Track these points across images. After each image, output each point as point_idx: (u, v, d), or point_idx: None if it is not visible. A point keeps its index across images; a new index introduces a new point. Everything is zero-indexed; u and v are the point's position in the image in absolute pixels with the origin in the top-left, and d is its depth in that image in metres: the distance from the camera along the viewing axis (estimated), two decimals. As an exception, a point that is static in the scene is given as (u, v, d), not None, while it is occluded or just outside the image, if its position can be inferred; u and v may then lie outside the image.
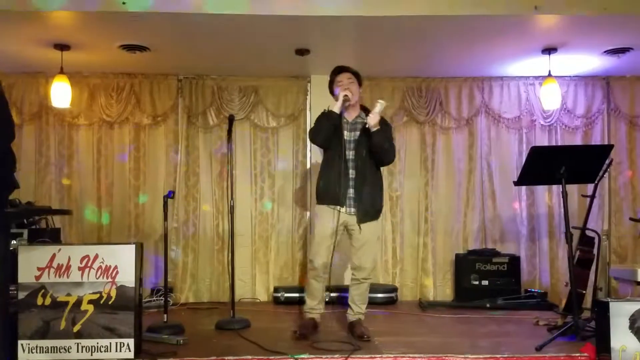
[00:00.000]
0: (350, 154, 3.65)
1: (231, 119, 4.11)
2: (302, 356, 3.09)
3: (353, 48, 4.79)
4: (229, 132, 4.08)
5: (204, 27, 4.19)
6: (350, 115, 3.73)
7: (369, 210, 3.67)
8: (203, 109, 5.45)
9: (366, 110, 3.76)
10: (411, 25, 4.17)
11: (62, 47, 4.57)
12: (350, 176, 3.63)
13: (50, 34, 4.33)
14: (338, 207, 3.61)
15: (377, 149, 3.62)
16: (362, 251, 3.68)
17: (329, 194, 3.64)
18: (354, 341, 3.45)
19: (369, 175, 3.67)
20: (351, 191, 3.63)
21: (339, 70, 3.79)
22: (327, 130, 3.62)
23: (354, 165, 3.63)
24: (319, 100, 5.39)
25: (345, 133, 3.67)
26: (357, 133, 3.68)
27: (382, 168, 3.81)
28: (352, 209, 3.63)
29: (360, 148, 3.64)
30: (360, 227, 3.63)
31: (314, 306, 3.75)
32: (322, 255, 3.63)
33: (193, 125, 5.48)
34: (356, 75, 3.78)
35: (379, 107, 3.56)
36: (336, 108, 3.61)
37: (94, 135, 5.43)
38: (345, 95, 3.59)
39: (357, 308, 3.76)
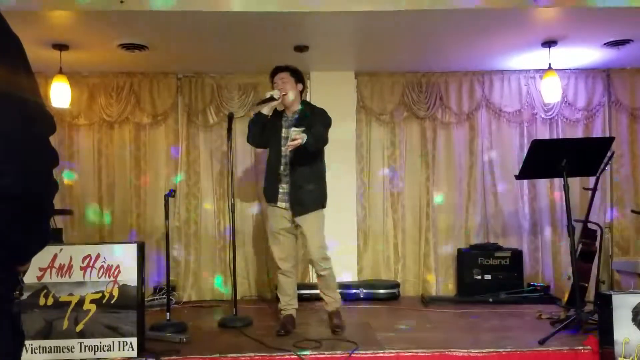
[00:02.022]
0: (285, 150, 3.68)
1: (231, 117, 4.11)
2: (305, 353, 3.09)
3: (352, 44, 4.78)
4: (229, 130, 4.07)
5: (202, 24, 4.18)
6: (290, 112, 3.78)
7: (305, 203, 3.67)
8: (203, 107, 5.45)
9: (307, 105, 3.82)
10: (410, 19, 4.16)
11: (61, 47, 4.57)
12: (285, 172, 3.68)
13: (48, 33, 4.32)
14: (276, 204, 3.70)
15: (312, 152, 3.62)
16: (308, 244, 3.71)
17: (267, 193, 3.76)
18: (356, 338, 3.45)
19: (304, 169, 3.67)
20: (285, 187, 3.68)
21: (274, 72, 3.83)
22: (256, 131, 3.71)
23: (288, 160, 3.67)
24: (318, 97, 5.36)
25: (284, 130, 3.73)
26: (299, 130, 3.65)
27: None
28: (287, 204, 3.68)
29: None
30: (295, 221, 3.68)
31: (288, 302, 3.81)
32: (277, 252, 3.75)
33: (193, 124, 5.48)
34: (293, 72, 3.79)
35: (295, 135, 3.47)
36: (265, 110, 3.69)
37: (95, 135, 5.43)
38: (271, 95, 3.66)
39: (328, 298, 3.80)
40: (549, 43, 4.70)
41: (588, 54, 5.03)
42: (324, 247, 3.74)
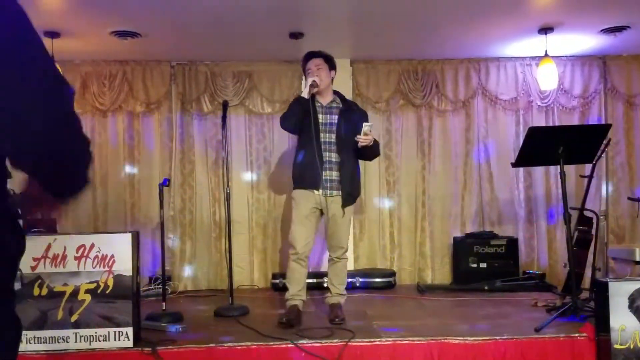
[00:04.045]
0: (327, 137, 3.69)
1: (225, 105, 4.07)
2: (301, 342, 3.08)
3: (347, 31, 4.74)
4: (224, 118, 4.04)
5: (195, 10, 4.12)
6: (324, 100, 3.77)
7: (352, 192, 3.72)
8: (197, 95, 5.39)
9: (340, 96, 3.84)
10: (406, 6, 4.11)
11: (53, 34, 4.50)
12: (328, 159, 3.66)
13: (40, 20, 4.24)
14: (314, 190, 3.65)
15: (370, 156, 3.82)
16: (339, 232, 3.71)
17: (305, 178, 3.67)
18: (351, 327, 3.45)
19: (349, 159, 3.70)
20: (332, 173, 3.66)
21: (308, 57, 3.80)
22: (296, 115, 3.65)
23: (334, 148, 3.68)
24: (314, 85, 5.34)
25: (321, 117, 3.72)
26: (335, 117, 3.72)
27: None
28: (334, 192, 3.66)
29: (340, 132, 3.68)
30: (343, 210, 3.67)
31: (297, 293, 3.69)
32: (303, 238, 3.66)
33: (187, 112, 5.43)
34: (327, 59, 3.78)
35: (368, 129, 3.56)
36: (305, 94, 3.64)
37: (87, 124, 5.35)
38: (313, 81, 3.63)
39: (335, 289, 3.78)
40: (545, 30, 4.66)
41: (584, 40, 5.00)
42: (348, 237, 3.81)
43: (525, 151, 3.74)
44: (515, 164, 4.00)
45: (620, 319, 2.93)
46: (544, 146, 3.64)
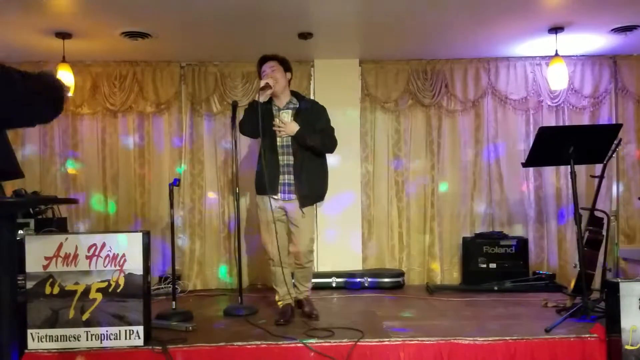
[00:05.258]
0: (284, 140, 3.69)
1: (235, 106, 4.09)
2: (311, 341, 3.09)
3: (356, 31, 4.73)
4: (233, 118, 4.05)
5: (205, 11, 4.14)
6: (281, 102, 3.77)
7: (309, 194, 3.71)
8: (206, 96, 5.41)
9: (297, 96, 3.83)
10: (415, 5, 4.11)
11: (64, 35, 4.54)
12: (285, 162, 3.68)
13: (51, 22, 4.29)
14: (273, 196, 3.66)
15: (314, 149, 3.69)
16: (300, 236, 3.72)
17: (263, 183, 3.66)
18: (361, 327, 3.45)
19: (307, 160, 3.69)
20: (288, 177, 3.67)
21: (262, 61, 3.81)
22: (252, 120, 3.64)
23: (290, 150, 3.67)
24: (322, 85, 5.36)
25: (277, 120, 3.71)
26: (291, 119, 3.71)
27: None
28: (291, 195, 3.67)
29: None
30: (302, 212, 3.67)
31: (286, 293, 3.82)
32: (273, 245, 3.70)
33: (197, 113, 5.45)
34: (281, 61, 3.78)
35: (285, 118, 3.65)
36: (260, 97, 3.64)
37: (98, 124, 5.41)
38: (266, 83, 3.62)
39: (302, 287, 3.87)
40: (555, 29, 4.64)
41: (595, 40, 4.97)
42: (312, 240, 3.80)
43: (535, 151, 3.73)
44: (525, 164, 3.98)
45: (631, 319, 2.92)
46: (555, 146, 3.63)
